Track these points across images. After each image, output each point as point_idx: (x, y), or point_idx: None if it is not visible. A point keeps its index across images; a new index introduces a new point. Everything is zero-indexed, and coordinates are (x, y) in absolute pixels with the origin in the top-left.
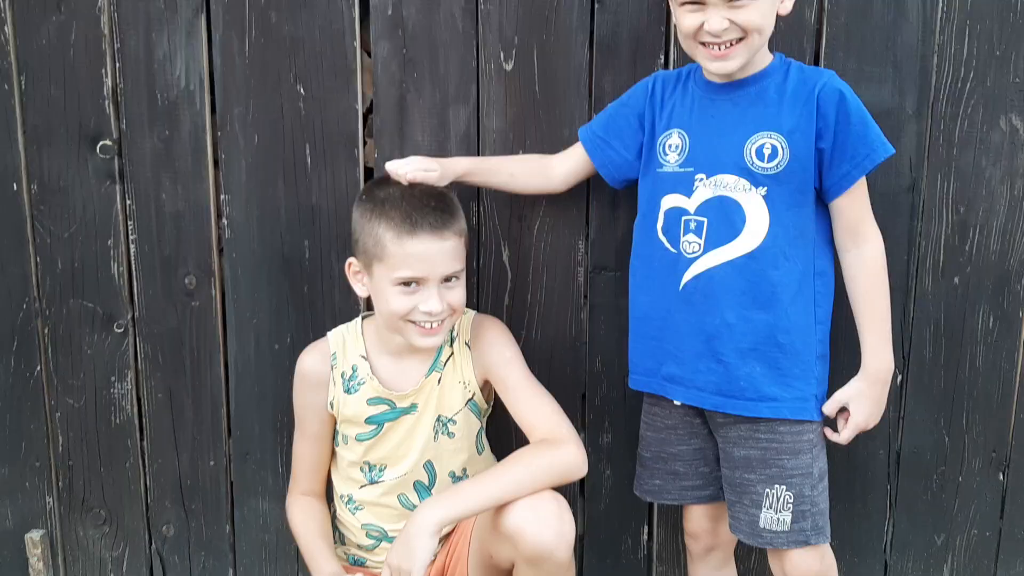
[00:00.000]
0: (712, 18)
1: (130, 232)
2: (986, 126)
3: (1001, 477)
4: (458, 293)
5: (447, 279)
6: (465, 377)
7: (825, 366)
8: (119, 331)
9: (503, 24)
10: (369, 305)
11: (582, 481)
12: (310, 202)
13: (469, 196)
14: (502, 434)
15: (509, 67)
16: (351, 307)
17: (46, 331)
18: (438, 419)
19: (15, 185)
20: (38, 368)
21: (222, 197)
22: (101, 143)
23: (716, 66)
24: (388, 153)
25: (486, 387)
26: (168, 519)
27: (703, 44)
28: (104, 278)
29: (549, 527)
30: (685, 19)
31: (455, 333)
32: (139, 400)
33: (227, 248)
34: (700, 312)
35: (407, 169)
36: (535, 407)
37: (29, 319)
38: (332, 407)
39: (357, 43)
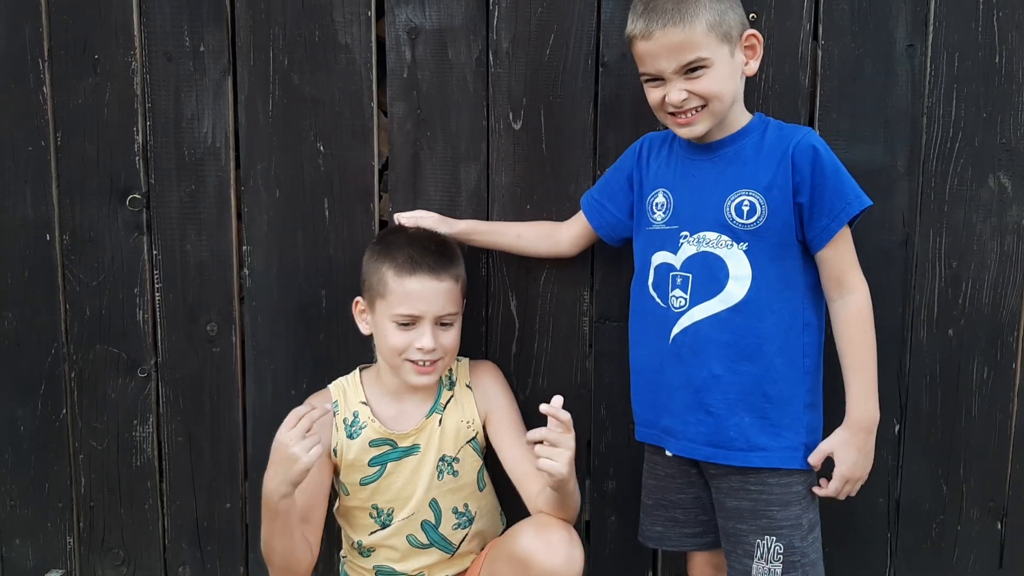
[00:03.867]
0: (671, 91)
1: (155, 281)
2: (975, 184)
3: (999, 526)
4: (452, 335)
5: (442, 320)
6: (468, 416)
7: (816, 415)
8: (142, 376)
9: (512, 86)
10: (373, 357)
11: (587, 526)
12: (327, 253)
13: (479, 248)
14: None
15: (518, 126)
16: (365, 354)
17: (72, 375)
18: (442, 459)
19: (48, 235)
20: (64, 411)
21: (244, 248)
22: (131, 196)
23: (684, 132)
24: (402, 207)
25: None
26: (184, 560)
27: (670, 113)
28: (129, 325)
29: (560, 553)
30: (650, 94)
31: (454, 378)
32: (159, 443)
33: (248, 297)
34: (689, 365)
35: (407, 216)
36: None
37: (57, 364)
38: (336, 454)
39: (374, 104)
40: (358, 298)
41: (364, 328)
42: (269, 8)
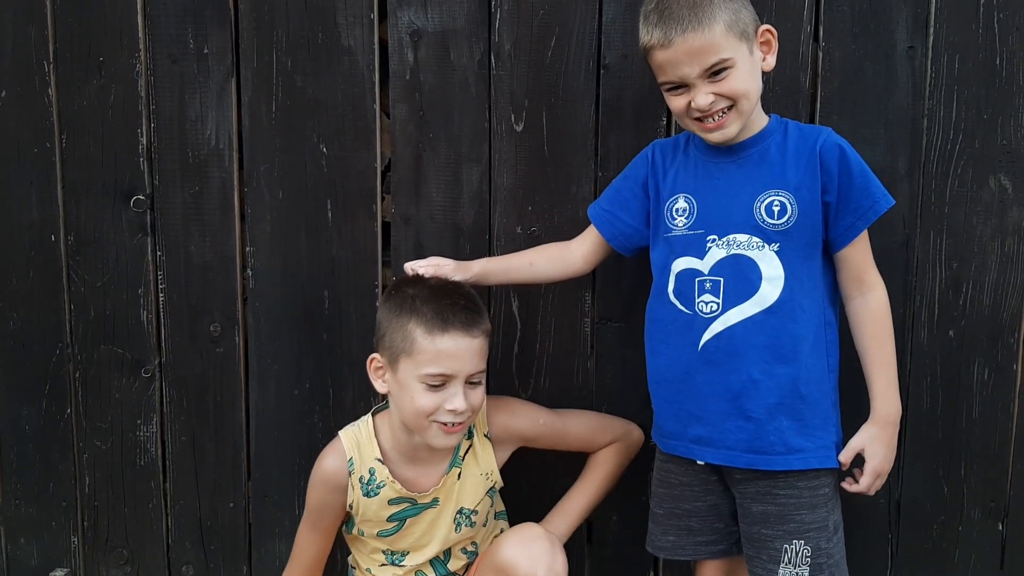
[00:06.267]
0: (697, 96)
1: (159, 282)
2: (976, 185)
3: (1000, 527)
4: (480, 393)
5: (471, 378)
6: (486, 469)
7: (838, 413)
8: (146, 376)
9: (514, 88)
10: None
11: (589, 527)
12: (330, 254)
13: (480, 248)
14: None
15: (519, 128)
16: (367, 354)
17: (77, 375)
18: (460, 511)
19: (53, 236)
20: (68, 411)
21: (247, 249)
22: (135, 198)
23: (715, 136)
24: (405, 208)
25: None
26: (188, 559)
27: (696, 119)
28: (134, 325)
29: (542, 563)
30: (674, 101)
31: (472, 426)
32: (163, 443)
33: (251, 297)
34: (724, 371)
35: (423, 264)
36: (585, 429)
37: (61, 364)
38: (351, 508)
39: (377, 105)
40: (374, 355)
41: (380, 387)
42: (272, 10)
